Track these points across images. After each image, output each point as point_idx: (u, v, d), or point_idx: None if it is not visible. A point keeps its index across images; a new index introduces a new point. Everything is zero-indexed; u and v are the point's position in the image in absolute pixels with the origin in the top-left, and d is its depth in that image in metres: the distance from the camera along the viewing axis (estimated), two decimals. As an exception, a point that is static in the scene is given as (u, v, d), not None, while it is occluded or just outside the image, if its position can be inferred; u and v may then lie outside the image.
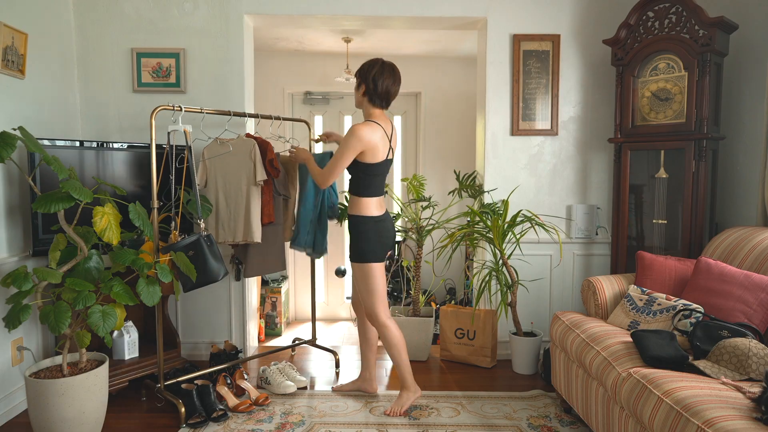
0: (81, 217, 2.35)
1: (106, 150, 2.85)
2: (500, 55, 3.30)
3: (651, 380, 1.79)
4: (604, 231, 3.39)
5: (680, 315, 2.20)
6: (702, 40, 2.67)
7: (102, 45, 3.20)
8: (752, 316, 2.12)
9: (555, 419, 2.56)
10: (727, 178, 3.05)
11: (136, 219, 2.34)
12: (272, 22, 3.38)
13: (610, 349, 2.13)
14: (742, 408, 1.57)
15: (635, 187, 3.15)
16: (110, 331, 2.23)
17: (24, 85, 2.70)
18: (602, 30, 3.26)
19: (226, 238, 2.89)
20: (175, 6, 3.20)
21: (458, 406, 2.71)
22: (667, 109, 2.84)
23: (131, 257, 2.31)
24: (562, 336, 2.50)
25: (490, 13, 3.27)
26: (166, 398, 2.62)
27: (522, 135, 3.33)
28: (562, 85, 3.31)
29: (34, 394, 2.17)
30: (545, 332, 3.41)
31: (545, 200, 3.39)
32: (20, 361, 2.63)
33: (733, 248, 2.46)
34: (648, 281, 2.56)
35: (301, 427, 2.49)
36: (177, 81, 3.21)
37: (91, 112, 3.22)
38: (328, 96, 4.90)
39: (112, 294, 2.24)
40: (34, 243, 2.59)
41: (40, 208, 2.11)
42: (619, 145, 3.03)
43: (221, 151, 2.86)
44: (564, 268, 3.41)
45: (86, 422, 2.25)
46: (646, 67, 2.91)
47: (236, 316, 3.37)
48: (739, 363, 1.85)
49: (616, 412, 1.99)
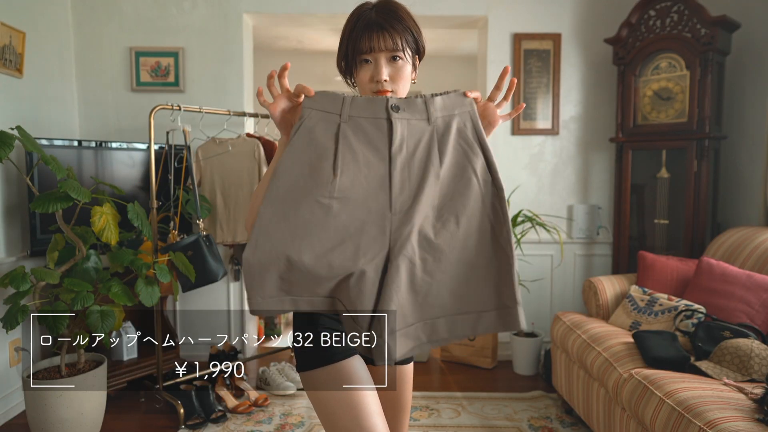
0: (79, 217, 2.33)
1: (104, 149, 2.84)
2: (501, 54, 3.28)
3: (652, 381, 1.78)
4: (606, 231, 3.38)
5: (682, 315, 2.19)
6: (704, 39, 2.65)
7: (100, 44, 3.18)
8: (754, 316, 2.10)
9: (556, 420, 2.55)
10: (730, 178, 3.04)
11: (135, 219, 2.32)
12: (272, 20, 3.36)
13: (612, 350, 2.11)
14: (745, 409, 1.56)
15: (637, 186, 3.14)
16: (109, 331, 2.22)
17: (22, 84, 2.69)
18: (603, 29, 3.24)
19: (224, 238, 2.88)
20: (174, 5, 3.18)
21: (459, 407, 2.69)
22: (669, 109, 2.83)
23: (130, 257, 2.30)
24: (563, 336, 2.49)
25: (491, 12, 3.26)
26: (165, 399, 2.61)
27: (523, 134, 3.32)
28: (563, 85, 3.30)
29: (31, 395, 2.16)
30: (546, 333, 3.39)
31: (546, 200, 3.38)
32: (18, 361, 2.62)
33: (735, 248, 2.45)
34: (649, 281, 2.55)
35: (300, 428, 2.48)
36: (176, 80, 3.19)
37: (90, 112, 3.20)
38: (327, 95, 4.89)
39: (110, 294, 2.23)
40: (32, 243, 2.58)
41: (38, 208, 2.10)
42: (621, 145, 3.02)
43: (218, 151, 2.85)
44: (565, 269, 3.40)
45: (84, 423, 2.24)
46: (647, 66, 2.90)
47: (235, 316, 3.36)
48: (741, 364, 1.83)
49: (618, 413, 1.98)
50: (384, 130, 1.07)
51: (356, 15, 1.19)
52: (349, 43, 1.17)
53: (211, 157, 2.86)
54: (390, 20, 1.15)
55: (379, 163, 1.07)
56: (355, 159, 1.06)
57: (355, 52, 1.16)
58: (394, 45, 1.14)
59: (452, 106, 1.12)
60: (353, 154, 1.06)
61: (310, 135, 1.07)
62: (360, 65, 1.17)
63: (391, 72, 1.16)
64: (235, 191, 2.85)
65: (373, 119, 1.08)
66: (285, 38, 4.29)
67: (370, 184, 1.06)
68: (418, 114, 1.09)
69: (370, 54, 1.15)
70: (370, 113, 1.07)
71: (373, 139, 1.07)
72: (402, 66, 1.17)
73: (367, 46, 1.14)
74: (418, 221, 1.05)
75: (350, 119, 1.07)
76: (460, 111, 1.12)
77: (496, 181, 1.13)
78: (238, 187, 2.85)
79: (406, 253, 1.03)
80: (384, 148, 1.07)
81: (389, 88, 1.16)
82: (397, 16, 1.16)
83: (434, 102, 1.10)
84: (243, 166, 2.83)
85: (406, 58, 1.17)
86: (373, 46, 1.14)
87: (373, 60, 1.16)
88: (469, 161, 1.11)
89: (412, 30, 1.17)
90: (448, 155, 1.09)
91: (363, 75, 1.17)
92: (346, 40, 1.18)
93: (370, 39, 1.14)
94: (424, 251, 1.05)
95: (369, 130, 1.07)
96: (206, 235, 2.65)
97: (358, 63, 1.17)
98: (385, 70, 1.15)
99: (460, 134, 1.11)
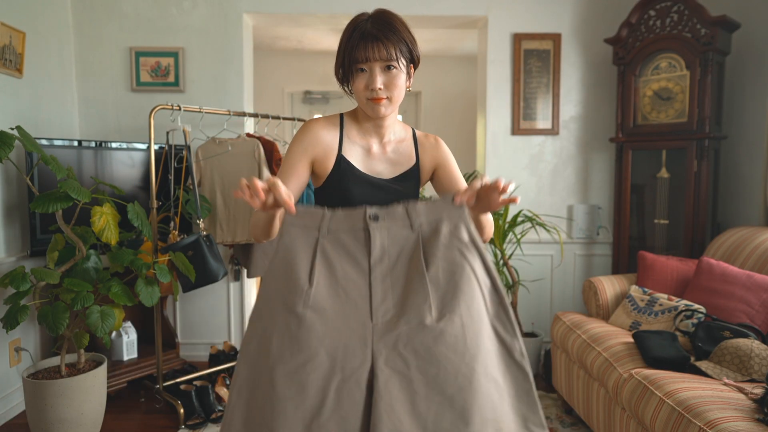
0: (79, 217, 2.33)
1: (104, 149, 2.84)
2: (501, 54, 3.28)
3: (652, 381, 1.78)
4: (606, 231, 3.38)
5: (682, 315, 2.19)
6: (704, 39, 2.65)
7: (100, 44, 3.18)
8: (754, 316, 2.10)
9: (556, 420, 2.55)
10: (729, 178, 3.04)
11: (135, 219, 2.32)
12: (271, 20, 3.36)
13: (612, 350, 2.11)
14: (745, 409, 1.56)
15: (637, 186, 3.14)
16: (109, 331, 2.22)
17: (22, 84, 2.69)
18: (603, 29, 3.24)
19: (224, 238, 2.88)
20: (174, 5, 3.18)
21: (458, 407, 2.69)
22: (669, 109, 2.83)
23: (130, 257, 2.29)
24: (563, 336, 2.49)
25: (491, 12, 3.25)
26: (165, 399, 2.61)
27: (523, 134, 3.32)
28: (563, 85, 3.30)
29: (31, 395, 2.16)
30: (546, 333, 3.39)
31: (546, 200, 3.38)
32: (18, 361, 2.62)
33: (735, 248, 2.45)
34: (649, 281, 2.55)
35: (300, 428, 2.48)
36: (176, 80, 3.19)
37: (90, 112, 3.20)
38: (327, 95, 4.88)
39: (110, 294, 2.23)
40: (32, 243, 2.58)
41: (38, 208, 2.10)
42: (621, 145, 3.02)
43: (218, 151, 2.85)
44: (565, 269, 3.40)
45: (84, 423, 2.24)
46: (647, 66, 2.90)
47: (235, 316, 3.36)
48: (741, 364, 1.83)
49: (618, 413, 1.98)
50: (362, 241, 1.07)
51: (353, 25, 1.22)
52: (345, 53, 1.21)
53: (211, 157, 2.86)
54: (385, 31, 1.19)
55: (359, 275, 1.04)
56: (332, 272, 1.04)
57: (352, 61, 1.20)
58: (388, 55, 1.18)
59: (439, 211, 1.10)
60: (330, 268, 1.04)
61: (287, 252, 1.06)
62: (356, 74, 1.22)
63: (386, 80, 1.21)
64: (235, 191, 2.86)
65: (352, 231, 1.07)
66: (285, 38, 4.29)
67: (349, 295, 1.02)
68: (400, 221, 1.09)
69: (366, 63, 1.20)
70: (348, 225, 1.07)
71: (352, 251, 1.06)
72: (396, 75, 1.21)
73: (363, 56, 1.19)
74: (405, 330, 0.98)
75: (329, 233, 1.07)
76: (449, 215, 1.10)
77: (498, 287, 1.09)
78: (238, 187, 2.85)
79: (396, 367, 0.94)
80: (363, 259, 1.06)
81: (384, 96, 1.21)
82: (392, 27, 1.20)
83: (417, 208, 1.10)
84: (243, 166, 2.83)
85: (401, 67, 1.21)
86: (368, 56, 1.18)
87: (368, 69, 1.21)
88: (466, 260, 1.07)
89: (406, 40, 1.21)
90: (440, 257, 1.05)
91: (359, 83, 1.22)
92: (343, 49, 1.23)
93: (366, 49, 1.18)
94: (421, 361, 0.96)
95: (348, 242, 1.07)
96: (206, 235, 2.65)
97: (354, 72, 1.22)
98: (379, 78, 1.19)
99: (452, 235, 1.09)
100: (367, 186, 1.27)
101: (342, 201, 1.23)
